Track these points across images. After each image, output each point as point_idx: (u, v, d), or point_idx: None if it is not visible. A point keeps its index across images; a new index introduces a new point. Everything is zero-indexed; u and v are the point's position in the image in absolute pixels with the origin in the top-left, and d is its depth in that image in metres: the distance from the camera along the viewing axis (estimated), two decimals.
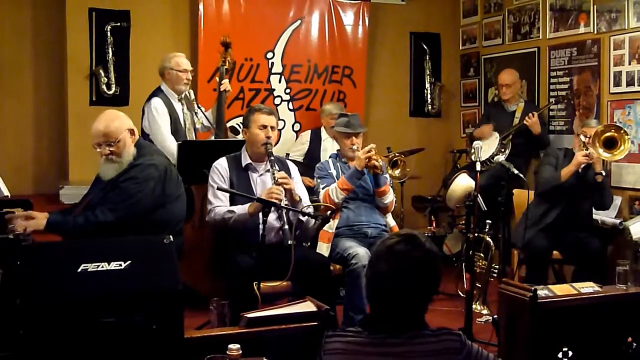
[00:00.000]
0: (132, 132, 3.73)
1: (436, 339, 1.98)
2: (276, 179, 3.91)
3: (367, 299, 2.12)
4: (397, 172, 5.45)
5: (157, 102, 4.86)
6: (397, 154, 5.25)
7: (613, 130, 4.62)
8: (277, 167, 4.03)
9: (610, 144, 4.61)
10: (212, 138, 5.20)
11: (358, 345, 2.00)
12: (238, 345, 2.07)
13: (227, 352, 2.06)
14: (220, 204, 4.02)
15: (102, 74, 5.85)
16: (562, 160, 4.93)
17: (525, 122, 5.68)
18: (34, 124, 5.99)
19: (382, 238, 2.16)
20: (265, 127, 4.09)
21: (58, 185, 5.49)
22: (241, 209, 3.94)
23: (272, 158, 4.06)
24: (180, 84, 4.98)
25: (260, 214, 3.80)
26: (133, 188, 3.62)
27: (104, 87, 5.86)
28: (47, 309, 2.49)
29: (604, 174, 4.71)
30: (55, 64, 5.97)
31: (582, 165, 4.68)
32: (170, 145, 4.69)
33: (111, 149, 3.64)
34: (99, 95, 5.87)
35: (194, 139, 5.12)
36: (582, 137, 4.72)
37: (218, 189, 3.95)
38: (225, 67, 5.29)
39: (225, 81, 5.24)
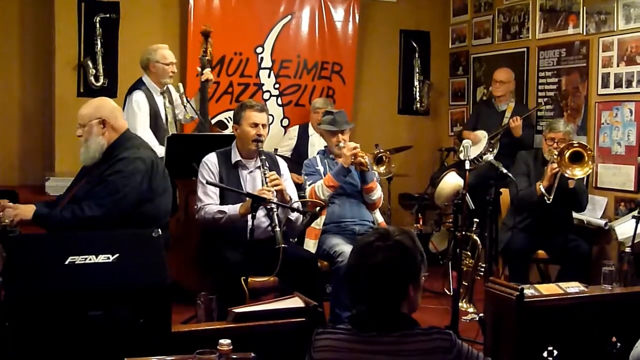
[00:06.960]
0: (103, 122, 3.64)
1: (426, 338, 1.97)
2: (266, 181, 3.90)
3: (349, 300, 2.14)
4: (382, 168, 5.30)
5: (139, 95, 4.82)
6: (381, 150, 5.17)
7: (577, 146, 4.64)
8: (267, 166, 4.01)
9: (576, 158, 4.62)
10: (196, 128, 5.16)
11: (348, 342, 1.99)
12: (229, 341, 2.06)
13: (218, 347, 2.05)
14: (210, 201, 4.00)
15: (91, 66, 5.80)
16: (533, 165, 4.97)
17: (509, 124, 5.70)
18: (21, 115, 5.94)
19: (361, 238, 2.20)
20: (256, 125, 4.07)
21: (44, 177, 5.44)
22: (232, 210, 3.92)
23: (263, 157, 4.04)
24: (165, 77, 4.96)
25: None
26: (120, 182, 3.57)
27: (92, 78, 5.81)
28: (34, 301, 2.47)
29: (575, 178, 4.73)
30: (43, 54, 5.91)
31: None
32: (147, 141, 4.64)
33: (81, 131, 3.67)
34: (86, 87, 5.82)
35: (175, 132, 5.07)
36: (554, 154, 4.73)
37: (207, 183, 3.93)
38: (207, 57, 5.23)
39: (207, 70, 5.17)
